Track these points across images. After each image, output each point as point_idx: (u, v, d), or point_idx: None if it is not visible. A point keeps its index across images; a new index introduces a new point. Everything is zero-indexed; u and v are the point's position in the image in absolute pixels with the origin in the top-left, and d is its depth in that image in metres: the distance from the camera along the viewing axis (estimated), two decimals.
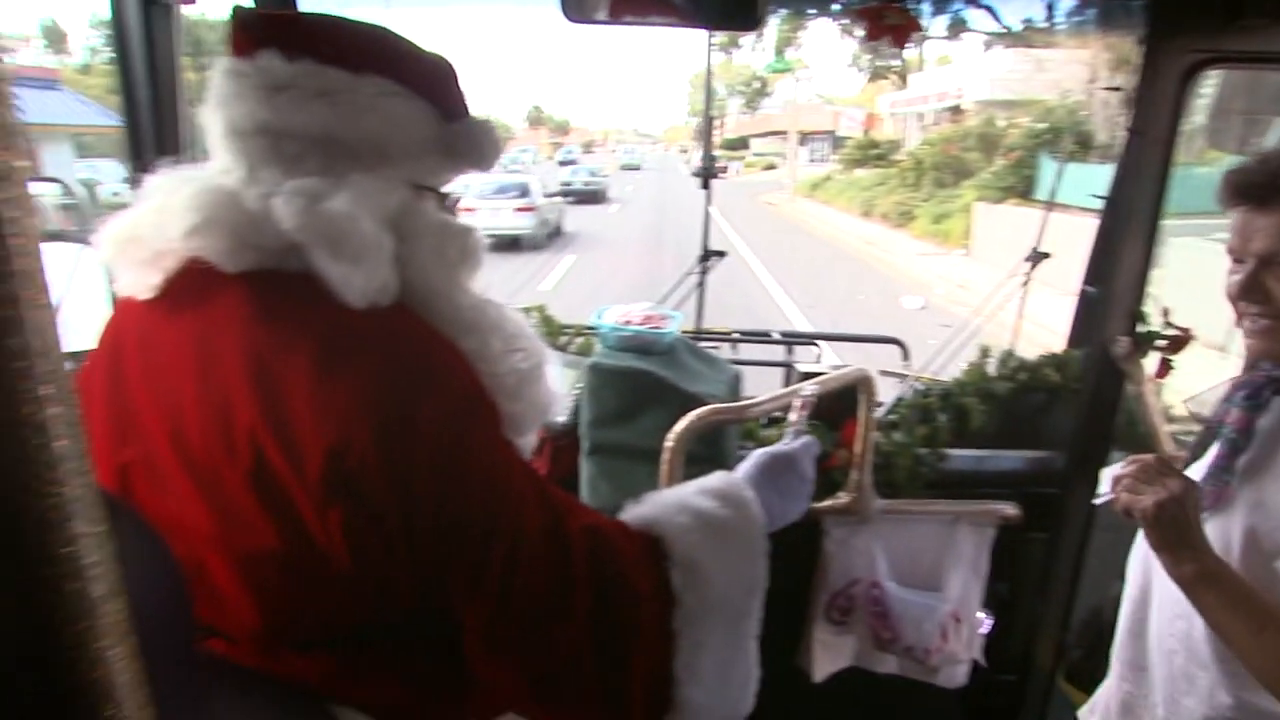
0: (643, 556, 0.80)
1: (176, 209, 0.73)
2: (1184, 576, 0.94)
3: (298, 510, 0.69)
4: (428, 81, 0.82)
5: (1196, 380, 1.26)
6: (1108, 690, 1.28)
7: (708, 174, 1.82)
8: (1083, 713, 1.36)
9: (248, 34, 0.77)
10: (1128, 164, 1.59)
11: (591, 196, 23.28)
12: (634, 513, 0.86)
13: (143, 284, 0.77)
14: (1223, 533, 1.01)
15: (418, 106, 0.80)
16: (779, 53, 32.41)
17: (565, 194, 20.10)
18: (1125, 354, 1.63)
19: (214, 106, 0.78)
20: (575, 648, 0.74)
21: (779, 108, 47.61)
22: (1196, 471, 1.07)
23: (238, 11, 0.78)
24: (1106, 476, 1.06)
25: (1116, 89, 1.78)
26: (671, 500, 0.87)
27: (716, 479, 0.91)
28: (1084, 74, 14.40)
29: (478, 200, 13.68)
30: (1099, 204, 1.79)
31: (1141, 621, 1.19)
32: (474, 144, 0.85)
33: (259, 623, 0.76)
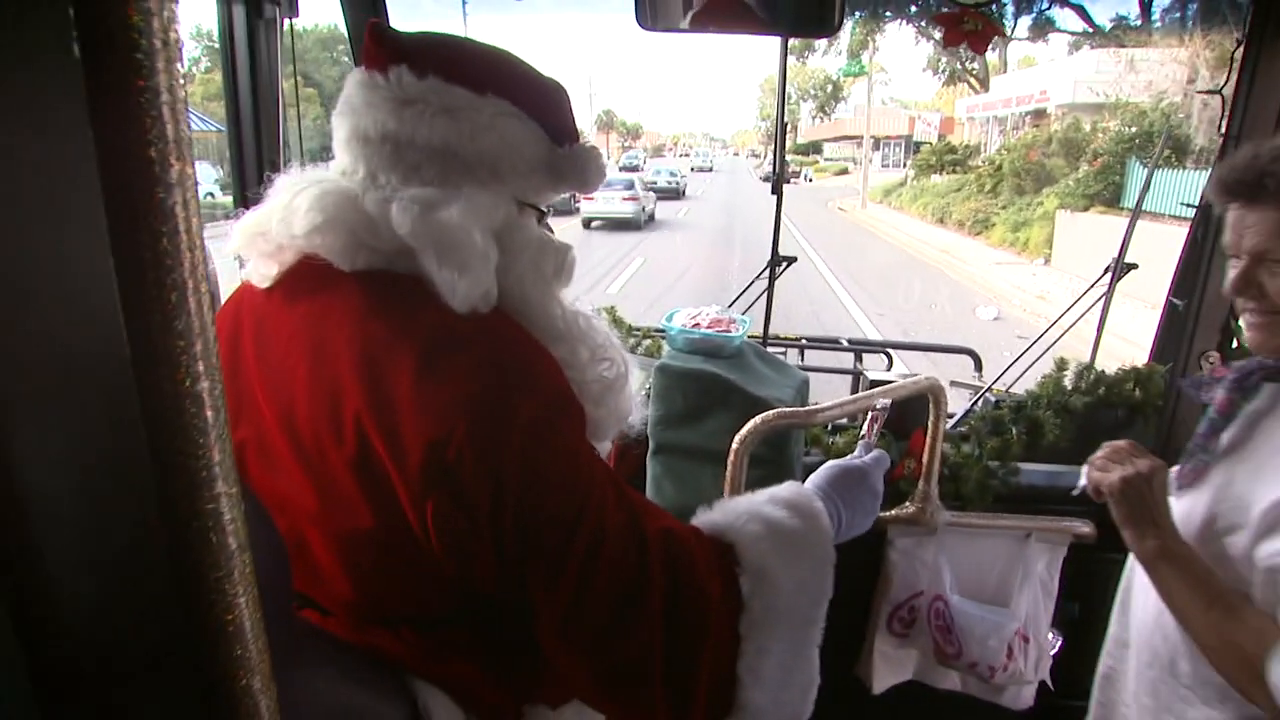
0: (714, 561, 0.82)
1: (302, 208, 0.79)
2: (1145, 552, 0.99)
3: (396, 496, 0.74)
4: (542, 105, 0.87)
5: None
6: None
7: (779, 180, 1.82)
8: None
9: (382, 48, 0.82)
10: None
11: (673, 193, 28.34)
12: (706, 519, 0.89)
13: (262, 274, 0.84)
14: (1189, 509, 1.03)
15: (532, 129, 0.85)
16: (854, 56, 31.86)
17: (653, 190, 24.09)
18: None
19: (344, 113, 0.83)
20: (646, 645, 0.76)
21: (852, 112, 46.81)
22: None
23: (374, 26, 0.84)
24: (1084, 470, 1.09)
25: (1217, 92, 1.68)
26: (743, 508, 0.89)
27: (787, 489, 0.93)
28: (1182, 75, 13.69)
29: (595, 191, 15.28)
30: (1190, 213, 1.72)
31: (1127, 598, 1.20)
32: (579, 168, 0.89)
33: (351, 597, 0.81)
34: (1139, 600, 1.13)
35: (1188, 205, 1.69)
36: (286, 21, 1.62)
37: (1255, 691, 0.87)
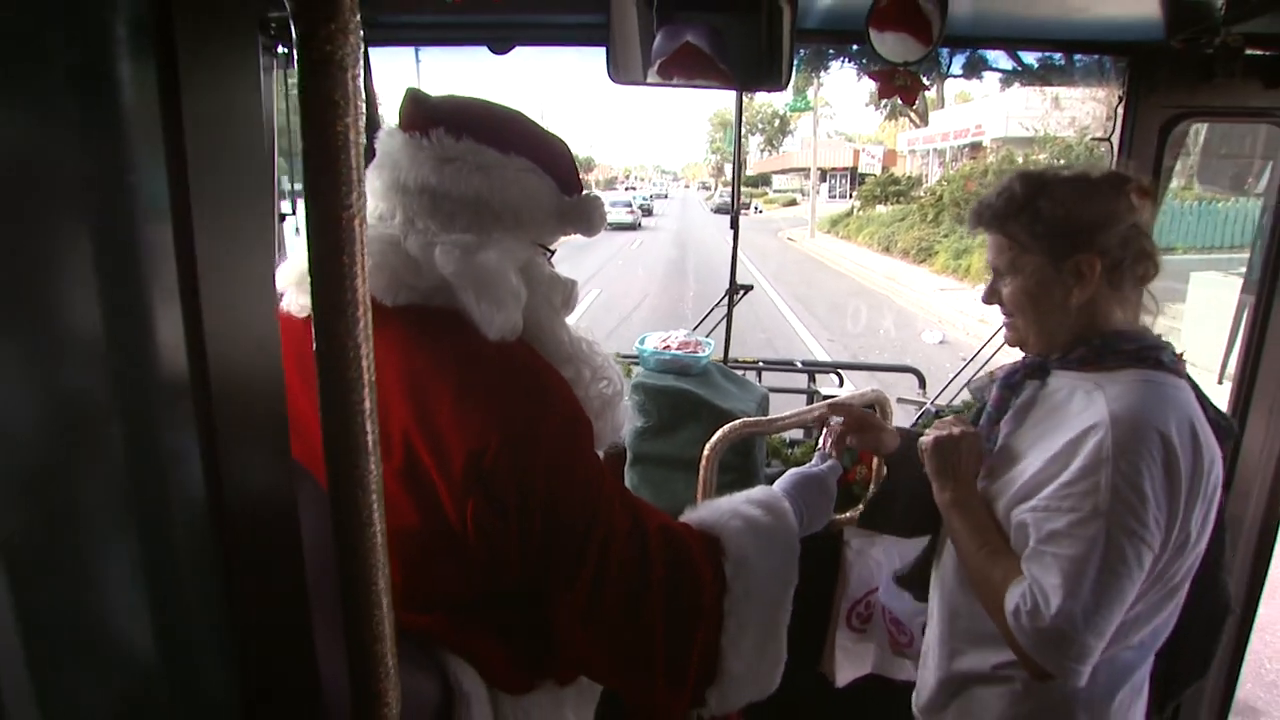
0: (704, 551, 0.97)
1: None
2: (944, 501, 1.15)
3: (439, 498, 0.86)
4: (554, 161, 1.01)
5: None
6: None
7: (736, 216, 2.00)
8: None
9: (421, 113, 0.96)
10: None
11: (647, 211, 38.71)
12: (695, 516, 1.04)
13: (302, 305, 0.94)
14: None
15: (547, 182, 0.99)
16: (799, 92, 32.88)
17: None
18: None
19: (385, 165, 0.96)
20: (650, 626, 0.91)
21: (799, 145, 48.17)
22: None
23: (414, 94, 0.98)
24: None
25: (1106, 139, 1.92)
26: (726, 507, 1.05)
27: (760, 492, 1.10)
28: (1101, 112, 14.56)
29: (608, 207, 22.52)
30: None
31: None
32: (586, 215, 1.03)
33: (398, 585, 0.92)
34: (946, 567, 1.27)
35: None
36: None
37: (1003, 622, 1.03)
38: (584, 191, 1.05)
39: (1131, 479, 0.96)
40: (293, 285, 0.95)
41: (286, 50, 1.67)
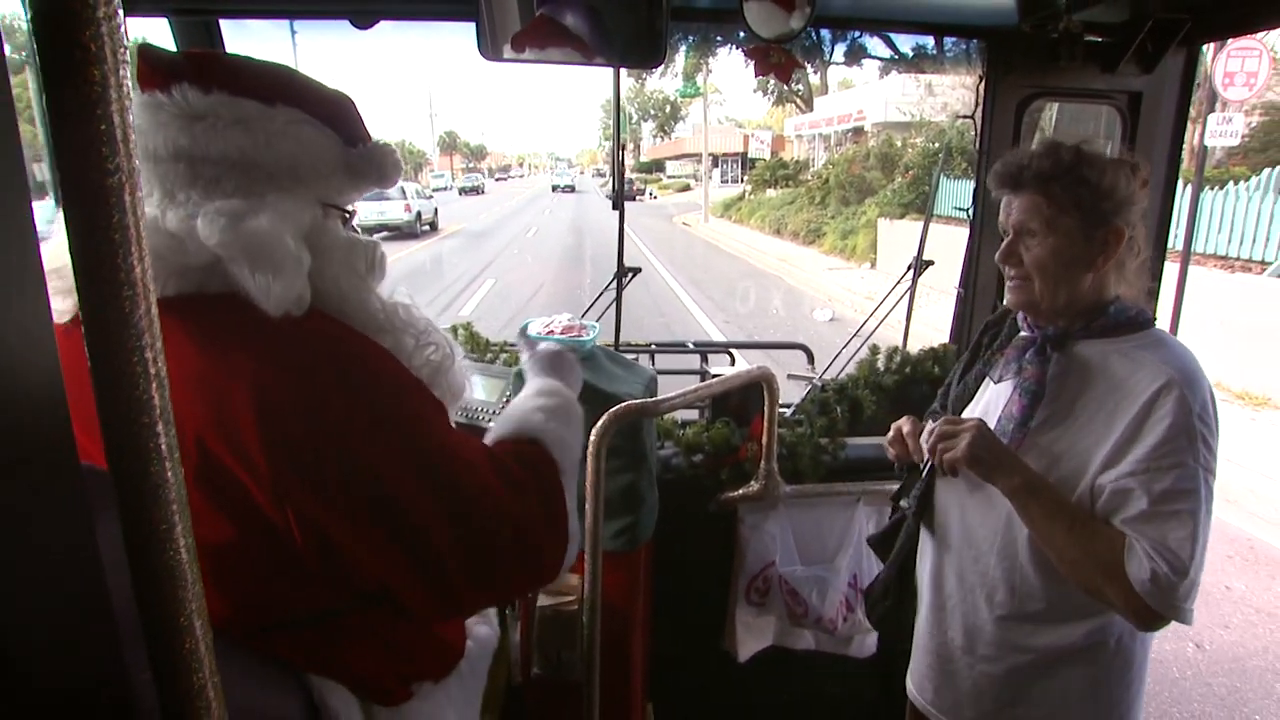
0: (544, 457, 0.99)
1: None
2: (1014, 489, 1.14)
3: (253, 503, 0.77)
4: (331, 111, 0.91)
5: None
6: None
7: (620, 198, 1.97)
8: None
9: (158, 69, 0.82)
10: (980, 180, 1.83)
11: (569, 189, 45.52)
12: (517, 433, 1.03)
13: (57, 310, 0.79)
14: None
15: (325, 133, 0.89)
16: (689, 78, 33.20)
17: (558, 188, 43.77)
18: None
19: None
20: (539, 527, 0.92)
21: (691, 131, 48.66)
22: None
23: (144, 48, 0.84)
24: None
25: (969, 117, 2.04)
26: (535, 418, 1.05)
27: (538, 385, 1.15)
28: (969, 98, 15.46)
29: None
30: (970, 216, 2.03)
31: (939, 557, 1.38)
32: (375, 164, 0.94)
33: (225, 614, 0.81)
34: (969, 548, 1.29)
35: (960, 209, 2.00)
36: None
37: (1109, 588, 1.08)
38: (372, 141, 0.95)
39: (1208, 423, 1.07)
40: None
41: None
